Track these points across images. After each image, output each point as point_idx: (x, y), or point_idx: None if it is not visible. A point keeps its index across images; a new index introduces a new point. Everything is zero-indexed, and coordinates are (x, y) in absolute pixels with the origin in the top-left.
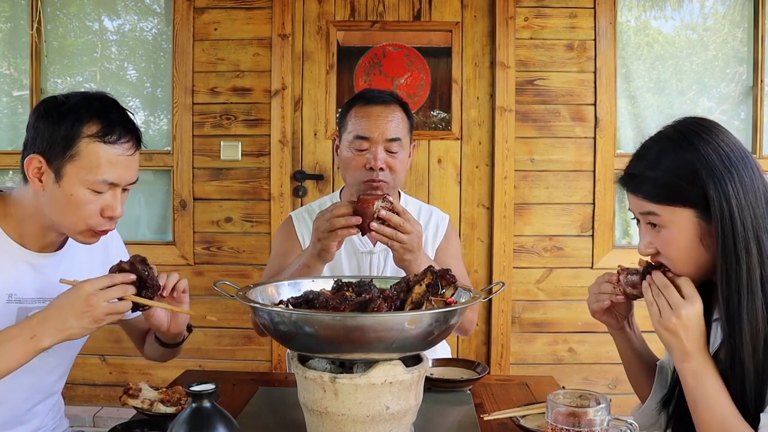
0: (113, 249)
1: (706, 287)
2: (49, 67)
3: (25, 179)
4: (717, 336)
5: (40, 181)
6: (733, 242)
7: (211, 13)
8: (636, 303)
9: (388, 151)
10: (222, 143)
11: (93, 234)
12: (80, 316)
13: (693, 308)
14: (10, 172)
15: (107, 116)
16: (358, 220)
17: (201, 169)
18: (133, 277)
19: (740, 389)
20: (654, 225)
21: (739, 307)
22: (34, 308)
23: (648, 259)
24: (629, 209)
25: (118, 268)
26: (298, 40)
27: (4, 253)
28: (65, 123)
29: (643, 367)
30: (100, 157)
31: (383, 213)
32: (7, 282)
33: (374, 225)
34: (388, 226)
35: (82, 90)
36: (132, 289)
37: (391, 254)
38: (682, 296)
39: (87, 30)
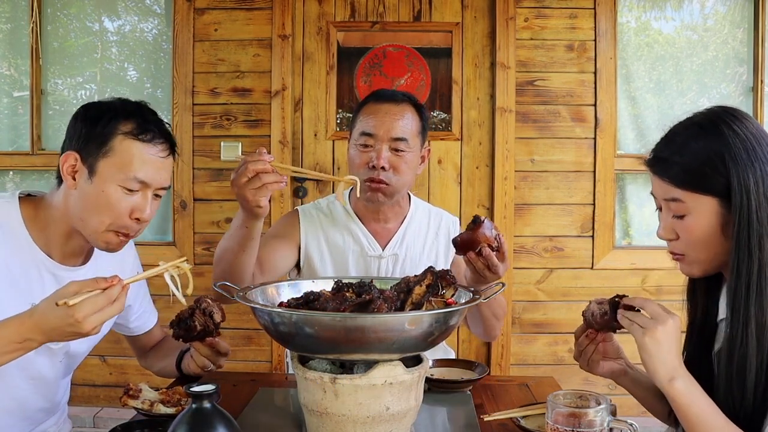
0: (128, 266)
1: (710, 289)
2: (50, 68)
3: (59, 182)
4: (721, 336)
5: (74, 179)
6: (747, 236)
7: (212, 13)
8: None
9: (395, 150)
10: (222, 144)
11: (115, 238)
12: (71, 336)
13: (675, 319)
14: (11, 172)
15: (143, 116)
16: (271, 173)
17: (201, 169)
18: (117, 291)
19: (741, 387)
20: (679, 217)
21: (747, 301)
22: None
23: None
24: (651, 193)
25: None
26: (299, 40)
27: (30, 261)
28: (102, 121)
29: (660, 395)
30: (133, 155)
31: (486, 251)
32: (32, 291)
33: (471, 255)
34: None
35: (85, 93)
36: (119, 307)
37: (400, 260)
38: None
39: (87, 31)
